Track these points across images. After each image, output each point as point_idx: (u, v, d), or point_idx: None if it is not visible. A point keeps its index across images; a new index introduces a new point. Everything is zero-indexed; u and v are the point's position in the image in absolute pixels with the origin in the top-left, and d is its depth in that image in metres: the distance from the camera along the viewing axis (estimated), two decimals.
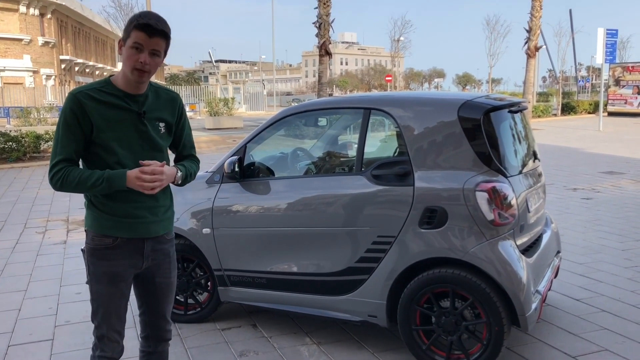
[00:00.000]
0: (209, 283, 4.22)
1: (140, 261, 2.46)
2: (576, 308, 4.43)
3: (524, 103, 4.00)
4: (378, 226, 3.50)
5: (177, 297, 4.21)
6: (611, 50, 23.12)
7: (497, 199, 3.26)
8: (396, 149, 4.09)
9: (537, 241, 3.86)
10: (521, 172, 3.62)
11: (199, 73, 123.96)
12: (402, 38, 67.34)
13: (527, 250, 3.61)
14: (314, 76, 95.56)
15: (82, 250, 2.50)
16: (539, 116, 31.65)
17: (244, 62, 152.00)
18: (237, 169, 3.92)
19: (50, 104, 32.66)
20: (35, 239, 7.01)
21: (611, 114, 32.00)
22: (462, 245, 3.29)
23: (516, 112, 3.82)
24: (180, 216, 4.05)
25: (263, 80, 76.08)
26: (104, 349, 2.48)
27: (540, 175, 4.06)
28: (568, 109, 35.34)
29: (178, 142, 2.61)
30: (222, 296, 4.11)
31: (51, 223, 7.93)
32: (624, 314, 4.28)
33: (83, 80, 51.74)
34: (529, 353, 3.68)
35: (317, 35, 20.89)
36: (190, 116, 35.98)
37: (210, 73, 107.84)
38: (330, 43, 20.89)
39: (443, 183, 3.36)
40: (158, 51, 2.29)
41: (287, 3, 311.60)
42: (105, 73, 56.66)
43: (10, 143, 14.64)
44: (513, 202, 3.31)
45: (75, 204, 9.12)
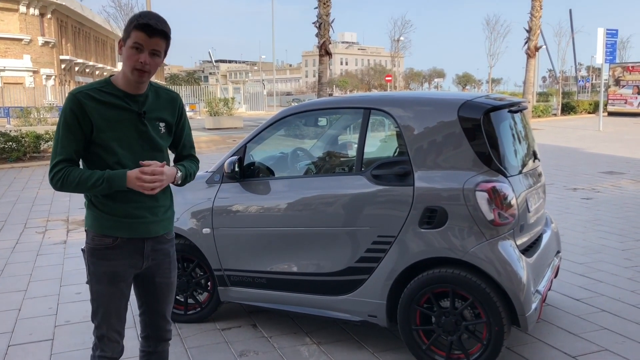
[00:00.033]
0: (209, 283, 4.23)
1: (140, 261, 2.46)
2: (576, 308, 4.43)
3: (524, 103, 4.00)
4: (378, 226, 3.50)
5: (177, 297, 4.21)
6: (611, 50, 23.12)
7: (497, 199, 3.26)
8: (396, 149, 4.10)
9: (537, 241, 3.86)
10: (521, 172, 3.62)
11: (199, 73, 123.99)
12: (402, 38, 67.40)
13: (527, 250, 3.61)
14: (314, 76, 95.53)
15: (82, 250, 2.50)
16: (539, 116, 31.66)
17: (244, 62, 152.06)
18: (237, 169, 3.92)
19: (50, 104, 32.66)
20: (35, 239, 7.01)
21: (611, 114, 32.01)
22: (462, 245, 3.29)
23: (516, 112, 3.82)
24: (180, 216, 4.06)
25: (263, 80, 76.07)
26: (104, 349, 2.48)
27: (540, 175, 4.06)
28: (568, 109, 35.36)
29: (178, 142, 2.61)
30: (222, 296, 4.11)
31: (51, 223, 7.93)
32: (624, 314, 4.28)
33: (83, 80, 51.73)
34: (529, 353, 3.68)
35: (317, 35, 20.90)
36: (190, 116, 35.97)
37: (210, 73, 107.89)
38: (330, 43, 20.89)
39: (443, 183, 3.36)
40: (158, 51, 2.29)
41: (287, 3, 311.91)
42: (105, 73, 56.66)
43: (10, 143, 14.65)
44: (513, 202, 3.31)
45: (75, 204, 9.12)
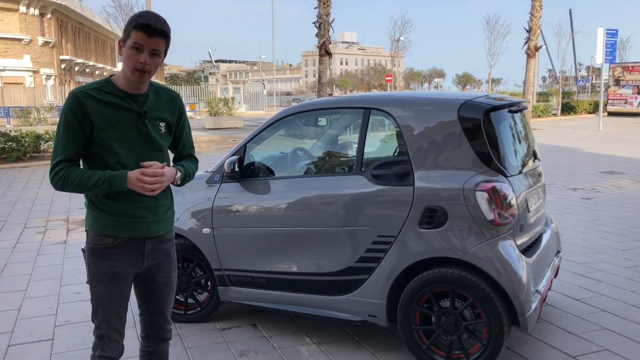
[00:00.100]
0: (209, 283, 4.23)
1: (140, 261, 2.46)
2: (576, 308, 4.43)
3: (524, 103, 4.00)
4: (378, 226, 3.50)
5: (177, 297, 4.21)
6: (611, 50, 23.12)
7: (497, 199, 3.26)
8: (396, 149, 4.10)
9: (537, 241, 3.86)
10: (521, 172, 3.62)
11: (199, 73, 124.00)
12: (402, 38, 67.43)
13: (527, 250, 3.61)
14: (314, 76, 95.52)
15: (83, 250, 2.50)
16: (539, 116, 31.66)
17: (244, 62, 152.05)
18: (237, 169, 3.92)
19: (50, 104, 32.65)
20: (35, 239, 7.01)
21: (611, 114, 32.01)
22: (462, 245, 3.29)
23: (516, 112, 3.82)
24: (180, 216, 4.06)
25: (263, 80, 76.09)
26: (104, 349, 2.48)
27: (540, 175, 4.06)
28: (568, 109, 35.36)
29: (178, 142, 2.61)
30: (222, 296, 4.11)
31: (51, 223, 7.93)
32: (624, 314, 4.28)
33: (83, 80, 51.72)
34: (529, 353, 3.68)
35: (317, 35, 20.90)
36: (190, 116, 35.97)
37: (210, 73, 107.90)
38: (330, 43, 20.90)
39: (443, 183, 3.36)
40: (158, 51, 2.29)
41: (287, 3, 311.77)
42: (105, 73, 56.65)
43: (10, 143, 14.65)
44: (513, 202, 3.31)
45: (75, 204, 9.12)
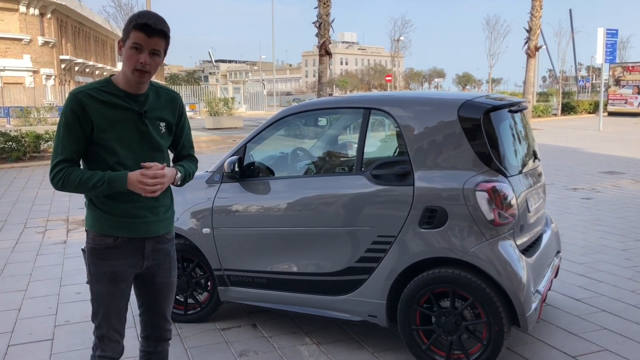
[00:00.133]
0: (209, 283, 4.22)
1: (140, 261, 2.46)
2: (576, 308, 4.43)
3: (524, 103, 4.00)
4: (378, 226, 3.50)
5: (177, 297, 4.21)
6: (611, 50, 23.12)
7: (497, 199, 3.26)
8: (396, 149, 4.10)
9: (537, 241, 3.86)
10: (521, 172, 3.62)
11: (199, 73, 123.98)
12: (402, 38, 67.43)
13: (527, 250, 3.61)
14: (314, 76, 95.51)
15: (83, 250, 2.50)
16: (539, 116, 31.66)
17: (244, 62, 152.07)
18: (237, 169, 3.92)
19: (50, 104, 32.63)
20: (35, 239, 7.01)
21: (611, 114, 32.01)
22: (462, 245, 3.29)
23: (516, 112, 3.82)
24: (180, 216, 4.05)
25: (263, 80, 76.14)
26: (105, 349, 2.48)
27: (540, 175, 4.06)
28: (568, 109, 35.36)
29: (177, 142, 2.61)
30: (222, 296, 4.11)
31: (51, 223, 7.93)
32: (624, 314, 4.28)
33: (83, 80, 51.72)
34: (529, 353, 3.68)
35: (317, 35, 20.90)
36: (190, 116, 35.95)
37: (210, 73, 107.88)
38: (330, 43, 20.90)
39: (443, 183, 3.36)
40: (158, 51, 2.29)
41: (287, 3, 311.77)
42: (105, 73, 56.64)
43: (10, 143, 14.65)
44: (513, 202, 3.31)
45: (75, 204, 9.12)
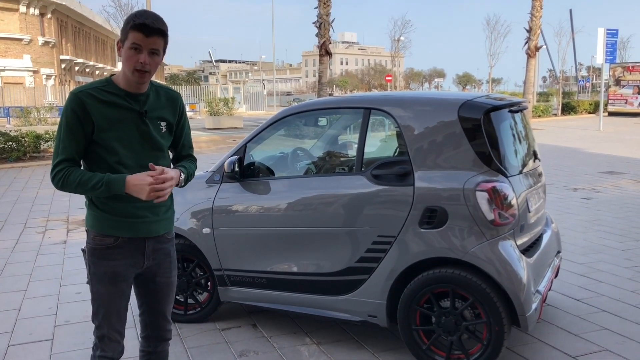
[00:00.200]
0: (209, 283, 4.22)
1: (141, 261, 2.46)
2: (576, 308, 4.43)
3: (524, 103, 4.00)
4: (378, 226, 3.49)
5: (177, 297, 4.21)
6: (611, 50, 23.12)
7: (498, 199, 3.26)
8: (396, 149, 4.09)
9: (538, 241, 3.86)
10: (521, 172, 3.61)
11: (199, 73, 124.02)
12: (402, 38, 67.39)
13: (528, 250, 3.61)
14: (314, 76, 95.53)
15: (83, 250, 2.50)
16: (539, 116, 31.65)
17: (244, 62, 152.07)
18: (237, 169, 3.92)
19: (50, 104, 32.63)
20: (35, 239, 7.01)
21: (611, 114, 32.01)
22: (462, 245, 3.29)
23: (516, 112, 3.82)
24: (180, 216, 4.05)
25: (263, 80, 76.14)
26: (105, 349, 2.48)
27: (540, 175, 4.06)
28: (568, 109, 35.35)
29: (177, 142, 2.61)
30: (222, 296, 4.11)
31: (51, 223, 7.93)
32: (625, 314, 4.28)
33: (83, 80, 51.72)
34: (529, 353, 3.68)
35: (317, 35, 20.90)
36: (190, 116, 35.96)
37: (210, 73, 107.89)
38: (330, 43, 20.90)
39: (443, 183, 3.36)
40: (157, 50, 2.28)
41: (287, 3, 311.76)
42: (105, 73, 56.63)
43: (10, 143, 14.64)
44: (513, 202, 3.31)
45: (75, 204, 9.12)
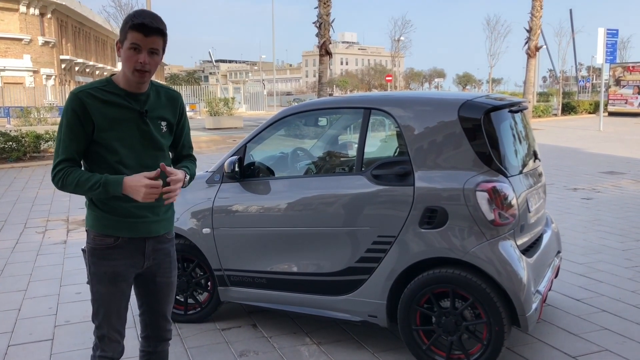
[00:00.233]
0: (209, 283, 4.22)
1: (141, 261, 2.46)
2: (576, 308, 4.43)
3: (524, 103, 4.00)
4: (378, 226, 3.49)
5: (177, 297, 4.21)
6: (612, 50, 23.11)
7: (498, 199, 3.26)
8: (396, 149, 4.09)
9: (538, 241, 3.86)
10: (521, 172, 3.61)
11: (199, 73, 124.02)
12: (403, 38, 67.35)
13: (528, 250, 3.61)
14: (314, 76, 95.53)
15: (83, 250, 2.50)
16: (539, 116, 31.65)
17: (244, 62, 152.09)
18: (237, 169, 3.92)
19: (50, 104, 32.63)
20: (35, 239, 7.01)
21: (612, 114, 32.01)
22: (463, 245, 3.29)
23: (516, 112, 3.82)
24: (180, 216, 4.05)
25: (263, 80, 76.11)
26: (105, 349, 2.47)
27: (540, 175, 4.06)
28: (568, 109, 35.35)
29: (178, 142, 2.61)
30: (222, 296, 4.11)
31: (51, 223, 7.93)
32: (625, 314, 4.28)
33: (83, 80, 51.72)
34: (530, 353, 3.68)
35: (318, 35, 20.89)
36: (190, 116, 35.96)
37: (210, 73, 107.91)
38: (330, 43, 20.88)
39: (443, 183, 3.36)
40: (156, 49, 2.28)
41: (287, 3, 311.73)
42: (105, 73, 56.64)
43: (10, 143, 14.65)
44: (513, 202, 3.31)
45: (75, 204, 9.12)
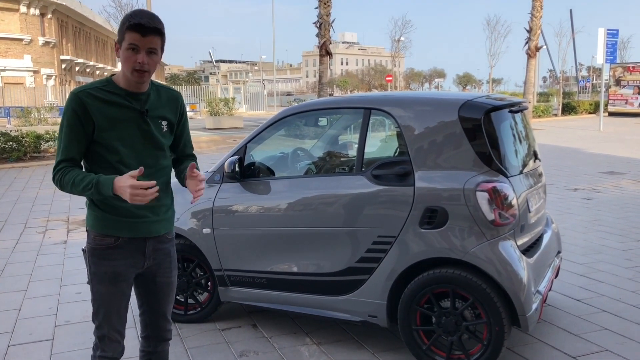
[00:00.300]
0: (209, 283, 4.22)
1: (141, 261, 2.46)
2: (577, 308, 4.43)
3: (525, 103, 4.00)
4: (378, 226, 3.49)
5: (177, 297, 4.21)
6: (612, 50, 23.11)
7: (498, 199, 3.26)
8: (396, 149, 4.09)
9: (538, 241, 3.85)
10: (522, 172, 3.61)
11: (200, 73, 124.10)
12: (403, 38, 67.41)
13: (528, 250, 3.61)
14: (315, 76, 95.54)
15: (83, 250, 2.50)
16: (540, 116, 31.65)
17: (244, 62, 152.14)
18: (238, 169, 3.92)
19: (50, 104, 32.61)
20: (35, 239, 7.01)
21: (612, 114, 32.01)
22: (463, 245, 3.29)
23: (517, 112, 3.82)
24: (180, 216, 4.05)
25: (263, 80, 76.06)
26: (105, 349, 2.47)
27: (540, 175, 4.05)
28: (568, 109, 35.35)
29: (179, 142, 2.61)
30: (222, 296, 4.11)
31: (51, 223, 7.93)
32: (625, 315, 4.28)
33: (83, 80, 51.73)
34: (530, 353, 3.67)
35: (318, 35, 20.88)
36: (190, 116, 35.98)
37: (210, 73, 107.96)
38: (330, 43, 20.87)
39: (443, 183, 3.36)
40: (154, 49, 2.27)
41: (288, 3, 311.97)
42: (105, 73, 56.65)
43: (10, 143, 14.66)
44: (514, 202, 3.31)
45: (75, 204, 9.12)
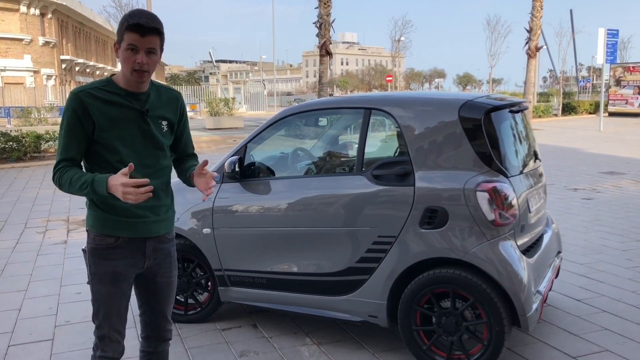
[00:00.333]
0: (209, 283, 4.22)
1: (142, 261, 2.45)
2: (577, 308, 4.42)
3: (525, 103, 4.00)
4: (378, 226, 3.49)
5: (178, 297, 4.21)
6: (612, 50, 23.10)
7: (498, 199, 3.26)
8: (397, 149, 4.09)
9: (538, 241, 3.85)
10: (522, 172, 3.61)
11: (200, 73, 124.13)
12: (403, 38, 67.41)
13: (528, 250, 3.61)
14: (315, 76, 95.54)
15: (83, 250, 2.50)
16: (540, 116, 31.65)
17: (245, 62, 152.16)
18: (238, 169, 3.92)
19: (50, 104, 32.60)
20: (35, 239, 7.01)
21: (612, 114, 32.01)
22: (463, 245, 3.29)
23: (517, 112, 3.82)
24: (180, 216, 4.05)
25: (263, 80, 76.05)
26: (105, 349, 2.47)
27: (541, 175, 4.05)
28: (569, 109, 35.35)
29: (179, 141, 2.61)
30: (223, 296, 4.11)
31: (51, 223, 7.93)
32: (625, 315, 4.28)
33: (84, 80, 51.74)
34: (530, 353, 3.67)
35: (318, 35, 20.87)
36: (190, 116, 35.97)
37: (210, 73, 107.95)
38: (330, 43, 20.86)
39: (444, 183, 3.36)
40: (154, 49, 2.27)
41: (288, 3, 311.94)
42: (105, 73, 56.65)
43: (10, 143, 14.66)
44: (514, 202, 3.31)
45: (75, 204, 9.12)
